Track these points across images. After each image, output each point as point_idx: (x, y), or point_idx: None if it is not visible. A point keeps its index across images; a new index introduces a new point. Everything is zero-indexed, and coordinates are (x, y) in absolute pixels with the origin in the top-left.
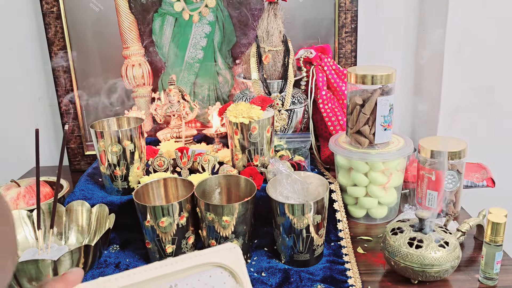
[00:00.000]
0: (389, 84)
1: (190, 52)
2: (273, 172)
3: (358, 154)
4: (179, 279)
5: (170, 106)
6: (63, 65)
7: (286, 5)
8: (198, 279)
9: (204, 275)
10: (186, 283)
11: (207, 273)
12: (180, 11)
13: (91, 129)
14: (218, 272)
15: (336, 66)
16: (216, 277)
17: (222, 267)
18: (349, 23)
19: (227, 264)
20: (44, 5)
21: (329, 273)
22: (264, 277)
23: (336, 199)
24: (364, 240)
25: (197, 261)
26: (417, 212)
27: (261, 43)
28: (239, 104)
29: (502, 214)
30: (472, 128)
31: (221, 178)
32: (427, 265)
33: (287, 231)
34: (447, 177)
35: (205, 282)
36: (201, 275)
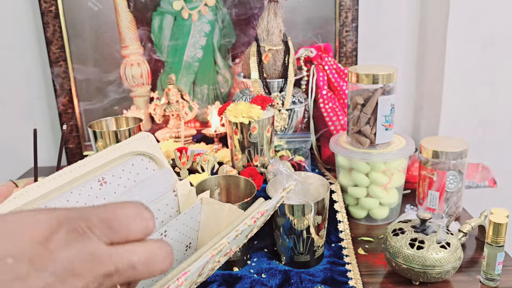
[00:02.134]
0: (390, 83)
1: (189, 51)
2: (273, 173)
3: (359, 154)
4: (105, 172)
5: (169, 106)
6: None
7: (287, 3)
8: (122, 169)
9: (127, 164)
10: (112, 174)
11: (129, 162)
12: (179, 10)
13: (89, 129)
14: (139, 160)
15: (337, 65)
16: (138, 164)
17: (142, 154)
18: (350, 22)
19: (146, 150)
20: (43, 4)
21: (330, 275)
22: (264, 278)
23: (336, 199)
24: (365, 241)
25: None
26: (419, 213)
27: (261, 42)
28: (238, 104)
29: (504, 215)
30: (474, 128)
31: (221, 179)
32: (429, 266)
33: (287, 232)
34: (448, 177)
35: (129, 170)
36: (124, 165)
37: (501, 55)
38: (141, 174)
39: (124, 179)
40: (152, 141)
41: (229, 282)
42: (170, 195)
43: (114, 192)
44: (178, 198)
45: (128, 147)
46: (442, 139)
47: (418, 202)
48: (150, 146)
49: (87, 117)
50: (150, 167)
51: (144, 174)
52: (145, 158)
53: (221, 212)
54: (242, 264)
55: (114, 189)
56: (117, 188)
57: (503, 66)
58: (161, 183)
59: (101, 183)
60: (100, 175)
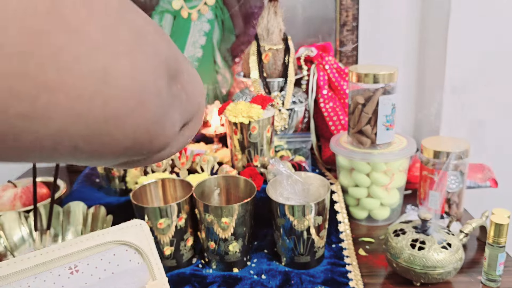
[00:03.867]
0: (391, 83)
1: (189, 50)
2: (273, 173)
3: (359, 154)
4: (79, 259)
5: None
6: None
7: (287, 3)
8: (101, 258)
9: (107, 254)
10: (87, 263)
11: (111, 251)
12: (178, 9)
13: None
14: (122, 250)
15: (338, 64)
16: (120, 255)
17: (127, 244)
18: (351, 21)
19: (132, 241)
20: None
21: (330, 276)
22: (264, 279)
23: (337, 200)
24: (366, 242)
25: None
26: (420, 213)
27: (261, 41)
28: (238, 104)
29: (505, 215)
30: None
31: (220, 179)
32: (430, 267)
33: (287, 232)
34: (450, 177)
35: (109, 261)
36: (103, 254)
37: (501, 55)
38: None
39: (101, 269)
40: (144, 230)
41: (229, 283)
42: None
43: (85, 283)
44: None
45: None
46: (444, 139)
47: (419, 202)
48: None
49: None
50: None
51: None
52: (130, 249)
53: None
54: (242, 265)
55: (86, 280)
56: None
57: (503, 66)
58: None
59: (71, 271)
60: (74, 262)
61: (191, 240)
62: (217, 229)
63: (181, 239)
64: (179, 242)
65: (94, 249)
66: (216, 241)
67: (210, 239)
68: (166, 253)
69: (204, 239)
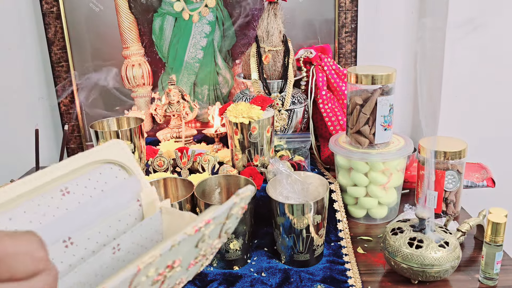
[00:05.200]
0: (389, 84)
1: (190, 52)
2: (273, 172)
3: (358, 154)
4: (68, 181)
5: (170, 106)
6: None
7: (286, 5)
8: (89, 178)
9: (94, 173)
10: (77, 183)
11: (97, 170)
12: (180, 11)
13: (91, 129)
14: (107, 168)
15: (336, 66)
16: (106, 173)
17: (111, 162)
18: (349, 23)
19: (115, 158)
20: (44, 5)
21: (329, 273)
22: (264, 277)
23: (336, 199)
24: (364, 240)
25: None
26: (417, 212)
27: (261, 43)
28: (239, 104)
29: (502, 214)
30: (473, 128)
31: (221, 178)
32: (427, 265)
33: (287, 231)
34: (447, 177)
35: (96, 180)
36: (90, 174)
37: (500, 55)
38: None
39: (90, 188)
40: (123, 148)
41: (229, 280)
42: (134, 205)
43: (78, 202)
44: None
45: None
46: (441, 139)
47: (416, 201)
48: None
49: (88, 118)
50: (120, 176)
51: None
52: (115, 167)
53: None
54: (242, 263)
55: (78, 199)
56: (81, 198)
57: (502, 66)
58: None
59: (63, 193)
60: (63, 184)
61: None
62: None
63: None
64: None
65: (80, 170)
66: None
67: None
68: None
69: None
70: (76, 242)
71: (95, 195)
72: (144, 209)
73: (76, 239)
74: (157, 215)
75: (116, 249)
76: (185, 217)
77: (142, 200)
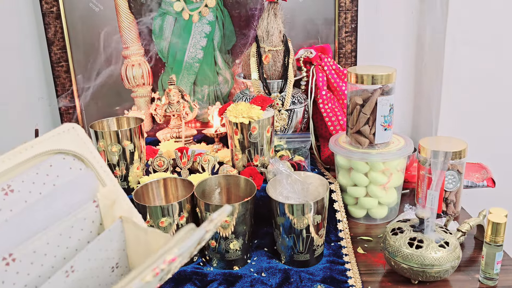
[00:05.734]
0: (389, 84)
1: (190, 52)
2: (273, 172)
3: (358, 154)
4: (12, 178)
5: (170, 106)
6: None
7: (286, 5)
8: (37, 172)
9: (42, 166)
10: (22, 180)
11: (46, 162)
12: (180, 11)
13: (91, 129)
14: (59, 159)
15: (336, 66)
16: (58, 165)
17: (63, 152)
18: (349, 23)
19: (68, 148)
20: (44, 5)
21: (329, 273)
22: (264, 277)
23: (336, 199)
24: (364, 240)
25: (28, 153)
26: (417, 212)
27: (261, 43)
28: (239, 104)
29: (503, 214)
30: (473, 128)
31: (221, 178)
32: (427, 265)
33: (287, 231)
34: (447, 177)
35: (46, 173)
36: (38, 167)
37: (500, 55)
38: (62, 176)
39: (39, 184)
40: (79, 134)
41: (230, 281)
42: (89, 207)
43: (25, 201)
44: (101, 211)
45: (43, 145)
46: (441, 139)
47: (416, 201)
48: (74, 141)
49: (88, 117)
50: (76, 167)
51: (67, 176)
52: (68, 157)
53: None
54: (242, 263)
55: (25, 198)
56: (28, 197)
57: (501, 66)
58: (79, 191)
59: (5, 192)
60: (5, 182)
61: None
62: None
63: None
64: None
65: (26, 164)
66: (217, 239)
67: (211, 237)
68: None
69: None
70: (19, 257)
71: (45, 192)
72: (102, 212)
73: (19, 254)
74: (116, 227)
75: (70, 272)
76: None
77: (99, 200)
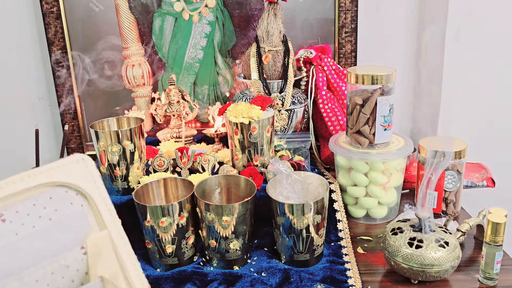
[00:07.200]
0: (389, 84)
1: (190, 52)
2: (273, 172)
3: (358, 154)
4: (7, 206)
5: (170, 106)
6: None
7: (286, 5)
8: (34, 204)
9: (41, 197)
10: (16, 210)
11: (46, 194)
12: (180, 11)
13: (91, 129)
14: (61, 192)
15: (336, 66)
16: (58, 198)
17: (66, 186)
18: (349, 23)
19: (72, 181)
20: (44, 5)
21: (329, 273)
22: (264, 277)
23: (336, 199)
24: (364, 240)
25: (29, 182)
26: (417, 212)
27: (261, 43)
28: (239, 104)
29: (502, 214)
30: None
31: (221, 178)
32: (427, 265)
33: (287, 231)
34: (447, 177)
35: (44, 206)
36: (37, 198)
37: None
38: (61, 211)
39: (34, 216)
40: (88, 166)
41: (230, 280)
42: (75, 253)
43: (16, 234)
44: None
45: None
46: (441, 139)
47: (416, 201)
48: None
49: (88, 117)
50: (77, 202)
51: (67, 210)
52: (71, 191)
53: None
54: (242, 263)
55: (16, 230)
56: (20, 229)
57: (501, 66)
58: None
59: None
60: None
61: (192, 238)
62: (218, 227)
63: (183, 237)
64: (180, 240)
65: (25, 193)
66: (217, 239)
67: (211, 237)
68: (167, 251)
69: (205, 237)
70: None
71: (39, 226)
72: (89, 260)
73: None
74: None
75: None
76: None
77: (88, 248)
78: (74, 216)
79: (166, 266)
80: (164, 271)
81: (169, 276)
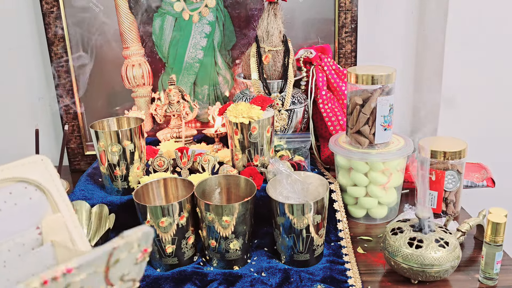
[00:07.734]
0: (389, 84)
1: (190, 52)
2: (273, 172)
3: (358, 154)
4: None
5: (170, 106)
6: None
7: (286, 5)
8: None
9: (1, 192)
10: None
11: (6, 190)
12: (180, 11)
13: (91, 129)
14: (20, 188)
15: (336, 66)
16: (18, 193)
17: (26, 181)
18: (349, 23)
19: (32, 177)
20: (44, 5)
21: (329, 273)
22: (264, 277)
23: (336, 199)
24: (364, 240)
25: None
26: (417, 212)
27: (261, 43)
28: (239, 104)
29: (502, 214)
30: (473, 128)
31: (221, 178)
32: (427, 265)
33: (287, 231)
34: (447, 177)
35: (4, 200)
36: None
37: (499, 55)
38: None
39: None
40: (47, 166)
41: (230, 280)
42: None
43: None
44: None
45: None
46: (441, 139)
47: (416, 201)
48: (41, 172)
49: (88, 117)
50: (35, 197)
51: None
52: (30, 187)
53: None
54: (242, 263)
55: None
56: None
57: (501, 66)
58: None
59: None
60: None
61: (192, 238)
62: (218, 227)
63: (183, 237)
64: (180, 240)
65: None
66: (217, 239)
67: (211, 237)
68: (167, 251)
69: (205, 237)
70: None
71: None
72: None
73: None
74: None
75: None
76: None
77: (43, 228)
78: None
79: (166, 266)
80: (164, 271)
81: (169, 276)
